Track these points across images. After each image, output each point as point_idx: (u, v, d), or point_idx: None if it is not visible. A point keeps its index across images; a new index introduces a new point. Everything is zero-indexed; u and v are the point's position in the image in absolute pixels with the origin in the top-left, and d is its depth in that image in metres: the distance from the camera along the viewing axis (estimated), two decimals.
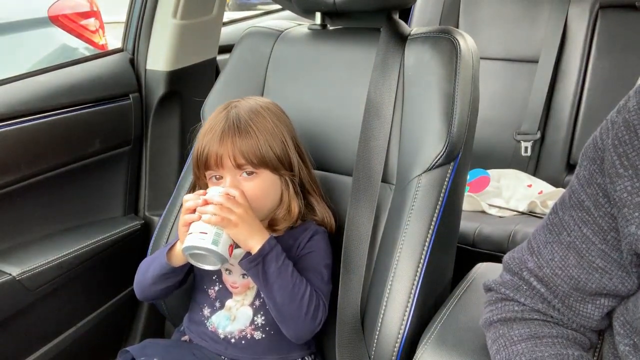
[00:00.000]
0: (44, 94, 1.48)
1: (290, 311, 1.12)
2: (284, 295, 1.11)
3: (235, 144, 1.13)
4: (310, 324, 1.14)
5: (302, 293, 1.12)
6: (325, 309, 1.16)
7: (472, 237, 1.80)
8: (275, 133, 1.17)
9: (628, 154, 0.77)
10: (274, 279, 1.10)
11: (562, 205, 0.87)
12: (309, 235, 1.20)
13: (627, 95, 0.80)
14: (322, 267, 1.19)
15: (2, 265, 1.38)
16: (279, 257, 1.11)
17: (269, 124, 1.17)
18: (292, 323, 1.14)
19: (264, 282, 1.11)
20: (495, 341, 0.90)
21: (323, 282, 1.18)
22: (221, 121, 1.16)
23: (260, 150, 1.14)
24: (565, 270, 0.85)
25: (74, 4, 2.87)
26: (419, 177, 1.18)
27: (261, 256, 1.09)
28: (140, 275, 1.25)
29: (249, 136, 1.14)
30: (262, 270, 1.10)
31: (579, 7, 2.20)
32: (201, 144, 1.16)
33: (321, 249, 1.20)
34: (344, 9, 1.29)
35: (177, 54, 1.67)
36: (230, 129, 1.14)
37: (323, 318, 1.15)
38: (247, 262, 1.11)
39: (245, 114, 1.17)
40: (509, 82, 2.27)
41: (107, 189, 1.67)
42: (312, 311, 1.13)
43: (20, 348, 1.43)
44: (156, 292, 1.24)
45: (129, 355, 1.20)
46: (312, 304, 1.13)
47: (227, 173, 1.15)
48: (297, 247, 1.19)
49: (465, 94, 1.21)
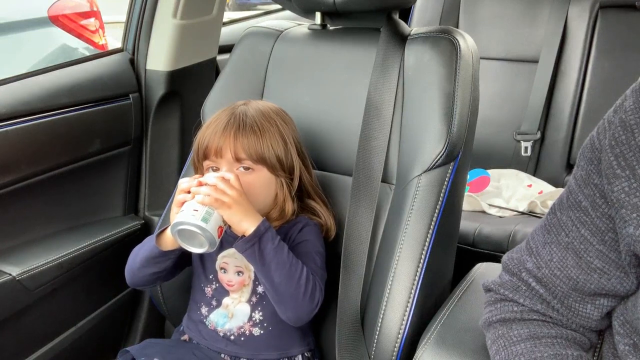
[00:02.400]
0: (44, 94, 1.48)
1: (289, 290, 1.12)
2: (282, 274, 1.11)
3: (237, 137, 1.15)
4: (308, 304, 1.13)
5: (299, 273, 1.12)
6: (322, 292, 1.15)
7: (472, 237, 1.80)
8: (279, 135, 1.18)
9: (625, 155, 0.76)
10: (270, 258, 1.10)
11: (560, 205, 0.87)
12: (299, 227, 1.21)
13: (624, 95, 0.80)
14: (315, 254, 1.19)
15: (2, 265, 1.38)
16: (274, 237, 1.11)
17: (275, 126, 1.19)
18: (291, 303, 1.13)
19: (260, 262, 1.11)
20: (495, 341, 0.90)
21: (317, 266, 1.18)
22: (226, 117, 1.18)
23: (262, 148, 1.15)
24: (563, 271, 0.85)
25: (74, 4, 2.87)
26: (419, 177, 1.19)
27: (257, 236, 1.09)
28: (130, 260, 1.25)
29: (252, 132, 1.16)
30: (259, 249, 1.10)
31: (579, 7, 2.20)
32: (203, 135, 1.18)
33: (313, 238, 1.20)
34: (344, 9, 1.29)
35: (177, 54, 1.67)
36: (235, 122, 1.16)
37: (320, 299, 1.15)
38: (243, 243, 1.10)
39: (252, 113, 1.19)
40: (509, 82, 2.27)
41: (107, 189, 1.67)
42: (310, 291, 1.13)
43: (20, 348, 1.43)
44: (145, 277, 1.23)
45: (129, 355, 1.20)
46: (310, 284, 1.13)
47: (225, 164, 1.16)
48: (289, 239, 1.20)
49: (465, 93, 1.21)
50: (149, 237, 1.24)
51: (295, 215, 1.22)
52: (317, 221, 1.23)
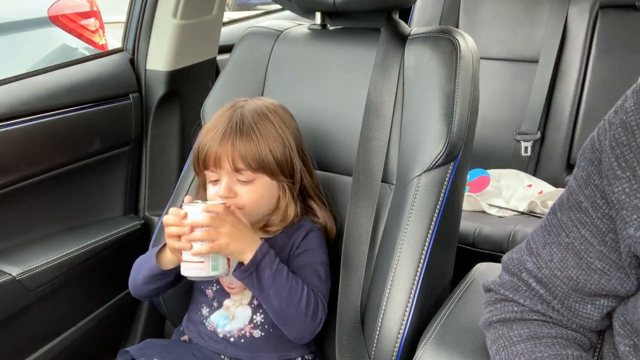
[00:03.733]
0: (44, 94, 1.48)
1: (290, 315, 1.12)
2: (281, 300, 1.11)
3: (235, 146, 1.12)
4: (310, 325, 1.14)
5: (300, 295, 1.12)
6: (324, 308, 1.16)
7: (472, 237, 1.80)
8: (278, 137, 1.16)
9: (625, 156, 0.76)
10: (269, 285, 1.10)
11: (561, 206, 0.87)
12: (303, 233, 1.20)
13: (625, 96, 0.80)
14: (319, 265, 1.18)
15: (2, 265, 1.38)
16: (272, 263, 1.11)
17: (274, 127, 1.16)
18: (293, 326, 1.14)
19: (259, 289, 1.11)
20: (495, 342, 0.90)
21: (320, 280, 1.17)
22: (225, 121, 1.16)
23: (260, 154, 1.13)
24: (564, 271, 0.85)
25: (74, 4, 2.87)
26: (419, 177, 1.18)
27: (254, 265, 1.09)
28: (133, 274, 1.25)
29: (249, 139, 1.13)
30: (257, 278, 1.10)
31: (579, 7, 2.20)
32: (203, 141, 1.16)
33: (316, 247, 1.20)
34: (344, 9, 1.29)
35: (177, 54, 1.67)
36: (232, 130, 1.14)
37: (323, 317, 1.15)
38: (240, 273, 1.10)
39: (250, 115, 1.16)
40: (509, 82, 2.27)
41: (107, 189, 1.67)
42: (312, 312, 1.13)
43: (20, 348, 1.43)
44: (149, 292, 1.24)
45: (129, 356, 1.20)
46: (311, 305, 1.12)
47: (224, 175, 1.14)
48: (292, 246, 1.19)
49: (465, 93, 1.21)
50: (150, 252, 1.24)
51: (298, 218, 1.21)
52: (319, 224, 1.23)
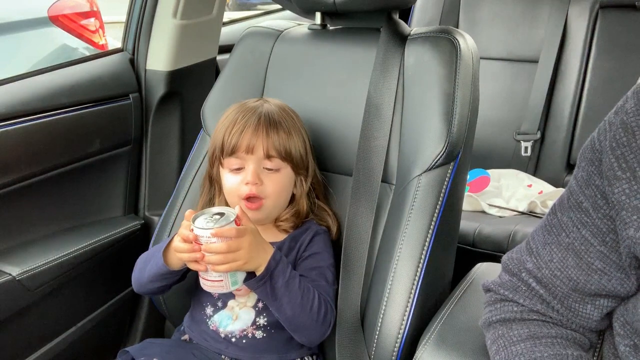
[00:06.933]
0: (44, 94, 1.48)
1: (302, 321, 1.13)
2: (294, 307, 1.11)
3: (269, 135, 1.17)
4: (321, 329, 1.15)
5: (311, 302, 1.13)
6: (333, 312, 1.17)
7: (472, 237, 1.80)
8: (300, 134, 1.21)
9: (626, 156, 0.76)
10: (282, 293, 1.10)
11: (561, 206, 0.87)
12: (310, 235, 1.21)
13: (625, 96, 0.80)
14: (326, 269, 1.19)
15: (2, 265, 1.37)
16: (285, 270, 1.11)
17: (296, 124, 1.22)
18: (304, 331, 1.15)
19: (272, 298, 1.11)
20: (495, 341, 0.90)
21: (328, 283, 1.19)
22: (252, 115, 1.19)
23: (289, 145, 1.19)
24: (564, 272, 0.85)
25: (74, 4, 2.87)
26: (419, 177, 1.19)
27: (268, 273, 1.09)
28: (137, 272, 1.25)
29: (281, 130, 1.18)
30: (270, 286, 1.10)
31: (579, 7, 2.20)
32: (229, 132, 1.18)
33: (324, 250, 1.21)
34: (344, 9, 1.29)
35: (177, 54, 1.67)
36: (265, 120, 1.18)
37: (332, 320, 1.17)
38: (254, 283, 1.10)
39: (277, 111, 1.21)
40: (509, 82, 2.27)
41: (107, 189, 1.66)
42: (323, 316, 1.14)
43: (20, 348, 1.43)
44: (153, 289, 1.25)
45: (129, 356, 1.20)
46: (322, 310, 1.14)
47: (253, 162, 1.17)
48: (299, 248, 1.20)
49: (465, 93, 1.21)
50: (154, 249, 1.24)
51: (306, 216, 1.24)
52: (325, 226, 1.24)
